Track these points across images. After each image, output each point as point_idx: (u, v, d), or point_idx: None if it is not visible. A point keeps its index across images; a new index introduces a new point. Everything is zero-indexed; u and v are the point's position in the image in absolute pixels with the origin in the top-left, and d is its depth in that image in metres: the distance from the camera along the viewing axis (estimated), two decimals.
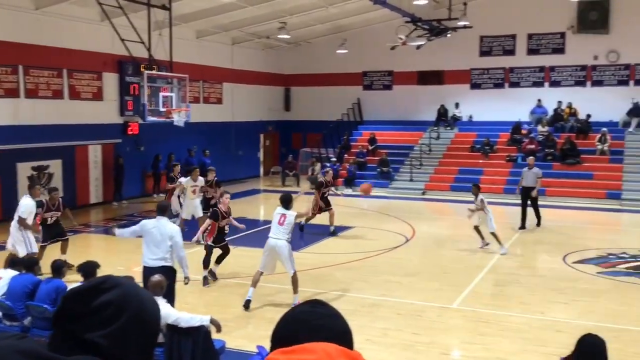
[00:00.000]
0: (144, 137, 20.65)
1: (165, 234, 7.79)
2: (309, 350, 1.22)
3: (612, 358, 6.49)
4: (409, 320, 8.71)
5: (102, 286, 1.27)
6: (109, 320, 1.23)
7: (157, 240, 7.82)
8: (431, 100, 25.98)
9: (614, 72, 23.94)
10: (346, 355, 1.23)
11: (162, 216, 8.07)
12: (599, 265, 11.99)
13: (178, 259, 7.85)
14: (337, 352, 1.23)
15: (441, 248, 13.78)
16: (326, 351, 1.22)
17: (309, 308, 1.39)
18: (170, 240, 7.76)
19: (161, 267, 7.60)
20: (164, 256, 7.79)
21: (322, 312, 1.39)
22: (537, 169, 16.01)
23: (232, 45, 25.32)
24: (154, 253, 7.83)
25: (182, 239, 8.01)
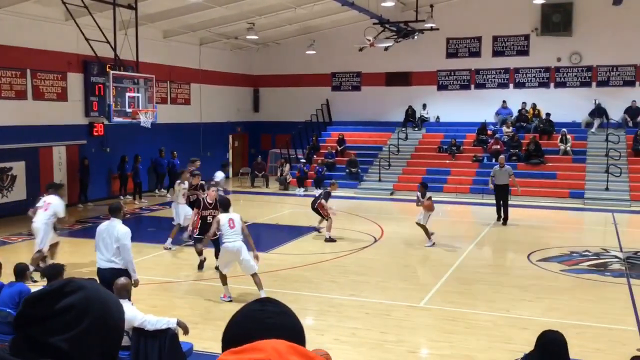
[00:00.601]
0: (110, 138, 20.38)
1: (113, 236, 7.74)
2: (258, 349, 1.22)
3: (575, 354, 6.65)
4: (377, 320, 8.78)
5: (64, 289, 1.25)
6: (70, 324, 1.21)
7: (106, 242, 7.78)
8: (399, 101, 26.20)
9: (576, 73, 24.47)
10: (296, 351, 1.23)
11: (115, 217, 8.02)
12: (563, 263, 12.24)
13: (124, 262, 7.78)
14: (287, 348, 1.23)
15: (409, 248, 13.91)
16: (275, 348, 1.22)
17: (259, 306, 1.38)
18: (117, 242, 7.71)
19: (112, 269, 7.57)
20: (112, 258, 7.74)
21: (273, 310, 1.38)
22: (508, 167, 16.87)
23: (200, 46, 25.15)
24: (103, 255, 7.81)
25: (129, 242, 7.92)
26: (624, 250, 13.36)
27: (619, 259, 12.56)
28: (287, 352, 1.22)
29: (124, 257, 7.77)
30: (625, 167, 21.23)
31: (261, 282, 9.36)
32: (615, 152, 21.47)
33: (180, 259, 12.63)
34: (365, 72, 27.07)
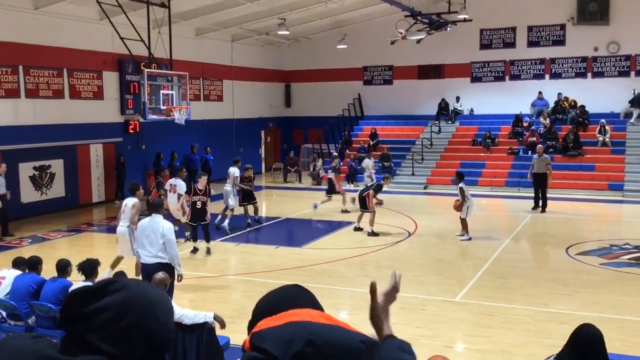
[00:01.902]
0: (145, 135, 20.67)
1: (157, 232, 7.83)
2: (292, 314, 1.37)
3: (616, 349, 6.52)
4: (413, 314, 8.72)
5: (107, 288, 1.26)
6: (108, 323, 1.22)
7: (150, 238, 7.87)
8: (432, 94, 25.95)
9: (614, 63, 23.88)
10: (324, 317, 1.39)
11: (156, 213, 8.11)
12: (602, 256, 11.99)
13: (169, 257, 7.86)
14: (317, 314, 1.39)
15: (443, 242, 13.78)
16: (308, 314, 1.37)
17: (299, 289, 1.57)
18: (162, 238, 7.80)
19: (158, 264, 7.65)
20: (158, 254, 7.84)
21: (301, 290, 1.57)
22: (546, 156, 17.48)
23: (232, 42, 25.30)
24: (148, 250, 7.90)
25: (174, 237, 8.06)
26: None
27: None
28: (317, 317, 1.38)
29: (170, 252, 7.87)
30: None
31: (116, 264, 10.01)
32: None
33: (214, 255, 12.74)
34: (397, 65, 26.88)
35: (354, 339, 1.32)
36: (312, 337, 1.28)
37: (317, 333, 1.29)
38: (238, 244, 13.61)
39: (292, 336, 1.29)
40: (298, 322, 1.34)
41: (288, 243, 14.59)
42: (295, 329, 1.31)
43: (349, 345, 1.29)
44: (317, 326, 1.33)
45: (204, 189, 12.29)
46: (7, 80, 16.25)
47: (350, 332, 1.36)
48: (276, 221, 16.57)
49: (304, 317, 1.36)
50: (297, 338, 1.28)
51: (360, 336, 1.35)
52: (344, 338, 1.31)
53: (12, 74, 16.37)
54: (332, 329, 1.34)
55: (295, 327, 1.32)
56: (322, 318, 1.38)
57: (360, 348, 1.30)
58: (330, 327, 1.35)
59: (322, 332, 1.31)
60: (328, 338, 1.29)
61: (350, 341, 1.31)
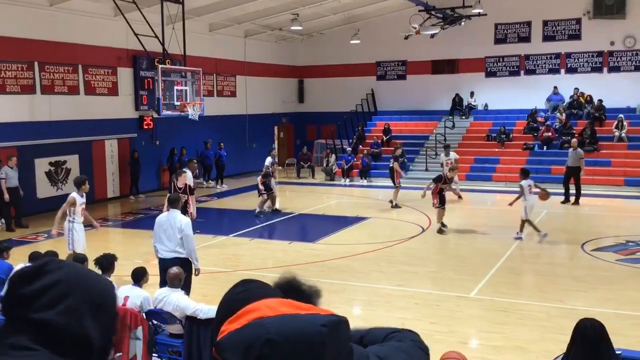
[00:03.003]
0: (159, 131, 20.77)
1: (175, 227, 7.86)
2: (252, 310, 1.30)
3: (632, 345, 6.48)
4: (427, 310, 8.70)
5: (45, 267, 1.28)
6: (57, 298, 1.24)
7: (168, 233, 7.90)
8: (446, 89, 25.83)
9: (631, 57, 23.61)
10: (286, 304, 1.32)
11: (174, 208, 8.14)
12: (618, 252, 11.88)
13: (187, 251, 7.88)
14: (278, 303, 1.32)
15: (458, 237, 13.72)
16: (268, 305, 1.30)
17: (241, 288, 1.47)
18: (180, 233, 7.82)
19: (176, 259, 7.67)
20: (176, 248, 7.86)
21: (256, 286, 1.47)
22: (579, 150, 17.68)
23: (245, 38, 25.33)
24: (166, 245, 7.92)
25: (192, 232, 8.08)
26: None
27: None
28: (279, 305, 1.31)
29: (188, 247, 7.89)
30: None
31: None
32: None
33: (227, 250, 12.79)
34: (410, 60, 26.77)
35: (314, 325, 1.24)
36: (270, 336, 1.22)
37: (274, 330, 1.23)
38: (252, 239, 13.65)
39: (250, 340, 1.23)
40: (256, 322, 1.27)
41: (301, 238, 14.61)
42: (252, 330, 1.25)
43: (310, 333, 1.23)
44: (275, 321, 1.26)
45: (184, 186, 11.84)
46: (22, 76, 16.39)
47: (310, 317, 1.27)
48: (290, 216, 16.60)
49: (264, 312, 1.29)
50: (255, 340, 1.22)
51: (321, 319, 1.26)
52: (305, 327, 1.24)
53: (27, 70, 16.50)
54: (291, 320, 1.26)
55: (253, 328, 1.26)
56: (283, 306, 1.31)
57: (323, 332, 1.23)
58: (290, 318, 1.27)
59: (280, 327, 1.24)
60: (286, 332, 1.23)
61: (311, 329, 1.23)
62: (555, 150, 22.00)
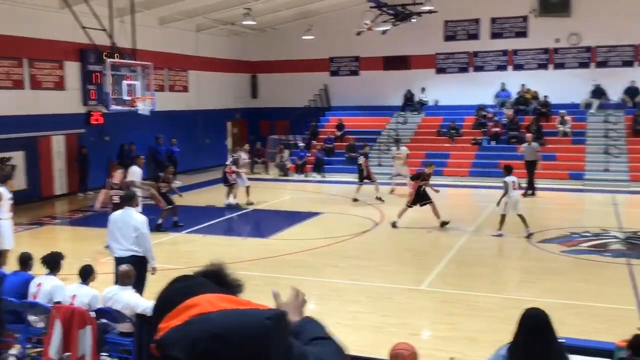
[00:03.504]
0: (109, 126, 20.34)
1: (130, 225, 7.72)
2: (192, 305, 1.29)
3: (576, 333, 6.70)
4: (379, 303, 8.82)
5: None
6: None
7: (123, 231, 7.75)
8: (397, 85, 26.12)
9: (575, 54, 24.36)
10: (226, 299, 1.32)
11: (129, 206, 8.00)
12: (563, 244, 12.28)
13: (143, 250, 7.75)
14: (217, 298, 1.32)
15: (410, 231, 13.92)
16: (208, 300, 1.30)
17: (182, 284, 1.45)
18: (136, 231, 7.69)
19: (132, 257, 7.54)
20: (132, 247, 7.72)
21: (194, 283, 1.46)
22: (535, 144, 18.33)
23: (197, 32, 25.04)
24: (121, 244, 7.77)
25: (148, 230, 7.95)
26: (623, 230, 13.39)
27: (618, 239, 12.59)
28: (219, 301, 1.31)
29: (144, 245, 7.74)
30: (624, 148, 21.23)
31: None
32: (615, 133, 21.46)
33: (180, 247, 12.67)
34: (363, 56, 26.96)
35: (259, 317, 1.25)
36: (215, 330, 1.22)
37: (219, 324, 1.23)
38: (205, 236, 13.55)
39: (195, 335, 1.22)
40: (199, 317, 1.26)
41: (255, 234, 14.58)
42: (196, 326, 1.24)
43: (255, 326, 1.24)
44: (219, 316, 1.26)
45: (119, 183, 11.63)
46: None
47: (254, 311, 1.29)
48: (243, 212, 16.53)
49: (205, 307, 1.28)
50: (201, 336, 1.21)
51: (265, 312, 1.28)
52: (249, 320, 1.25)
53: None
54: (235, 314, 1.27)
55: (197, 323, 1.25)
56: (223, 301, 1.31)
57: (267, 325, 1.24)
58: (233, 313, 1.28)
59: (225, 322, 1.24)
60: (232, 326, 1.23)
61: (256, 322, 1.24)
62: (503, 145, 22.56)
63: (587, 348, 5.55)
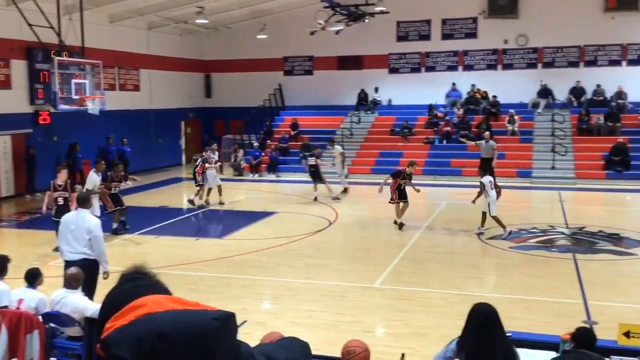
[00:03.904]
0: (57, 126, 19.84)
1: (83, 227, 7.53)
2: (139, 306, 1.28)
3: (523, 327, 6.89)
4: (332, 302, 8.89)
5: None
6: None
7: (75, 234, 7.54)
8: (351, 84, 26.30)
9: (523, 55, 25.01)
10: (173, 300, 1.32)
11: (83, 208, 7.80)
12: (511, 240, 12.60)
13: (96, 253, 7.56)
14: (166, 299, 1.32)
15: (364, 230, 14.07)
16: (155, 301, 1.30)
17: (132, 284, 1.44)
18: (89, 234, 7.51)
19: (83, 260, 7.37)
20: (84, 250, 7.52)
21: (144, 284, 1.45)
22: (492, 142, 18.65)
23: (149, 30, 24.66)
24: (73, 247, 7.55)
25: (102, 233, 7.78)
26: (569, 226, 13.83)
27: (565, 235, 13.00)
28: (167, 302, 1.30)
29: (97, 249, 7.53)
30: (570, 146, 21.91)
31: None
32: (561, 132, 22.12)
33: (132, 248, 12.47)
34: (317, 56, 27.05)
35: (206, 318, 1.25)
36: (161, 329, 1.21)
37: (166, 324, 1.22)
38: (157, 237, 13.38)
39: (141, 334, 1.21)
40: (145, 317, 1.25)
41: (209, 234, 14.49)
42: (142, 325, 1.23)
43: (202, 326, 1.23)
44: (166, 316, 1.25)
45: (64, 184, 11.53)
46: None
47: (201, 312, 1.29)
48: (198, 212, 16.38)
49: (152, 307, 1.28)
50: (147, 335, 1.21)
51: (213, 313, 1.27)
52: (196, 321, 1.25)
53: None
54: (182, 315, 1.27)
55: (143, 323, 1.24)
56: (171, 302, 1.31)
57: (214, 326, 1.24)
58: (180, 313, 1.27)
59: (172, 321, 1.23)
60: (179, 326, 1.22)
61: (203, 322, 1.24)
62: (454, 144, 22.99)
63: (534, 341, 5.72)
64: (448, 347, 4.67)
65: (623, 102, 23.21)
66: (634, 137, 21.72)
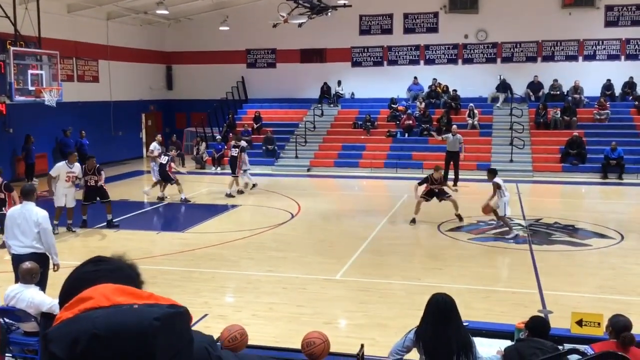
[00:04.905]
0: (13, 118, 19.34)
1: (31, 220, 7.38)
2: (86, 298, 1.26)
3: (482, 317, 7.05)
4: (294, 294, 8.93)
5: None
6: None
7: (23, 227, 7.39)
8: (314, 77, 26.32)
9: (482, 50, 25.40)
10: (123, 292, 1.28)
11: (28, 201, 7.65)
12: (470, 232, 12.84)
13: (46, 245, 7.43)
14: (113, 291, 1.28)
15: (326, 222, 14.14)
16: (103, 293, 1.26)
17: (92, 267, 1.42)
18: (37, 226, 7.37)
19: (32, 254, 7.23)
20: (33, 243, 7.38)
21: (107, 268, 1.42)
22: (459, 135, 18.96)
23: (108, 21, 24.20)
24: (20, 241, 7.40)
25: (50, 225, 7.65)
26: (526, 218, 14.14)
27: (521, 227, 13.28)
28: (115, 294, 1.26)
29: (47, 241, 7.39)
30: (528, 140, 22.36)
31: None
32: (519, 126, 22.55)
33: (91, 242, 12.29)
34: (280, 48, 26.97)
35: (146, 318, 1.20)
36: (96, 330, 1.17)
37: (102, 324, 1.18)
38: (117, 230, 13.20)
39: (77, 333, 1.18)
40: (85, 313, 1.22)
41: (170, 228, 14.36)
42: (81, 323, 1.20)
43: (140, 327, 1.19)
44: (104, 314, 1.21)
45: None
46: None
47: (143, 310, 1.23)
48: (158, 206, 16.22)
49: (98, 300, 1.24)
50: (81, 334, 1.18)
51: (157, 311, 1.22)
52: (136, 321, 1.20)
53: None
54: (122, 313, 1.22)
55: (82, 320, 1.21)
56: (120, 295, 1.26)
57: (154, 326, 1.19)
58: (122, 311, 1.22)
59: (109, 321, 1.19)
60: (115, 326, 1.18)
61: (142, 322, 1.19)
62: (416, 137, 23.25)
63: (489, 330, 5.87)
64: (407, 336, 4.76)
65: (579, 97, 23.79)
66: (589, 131, 22.29)
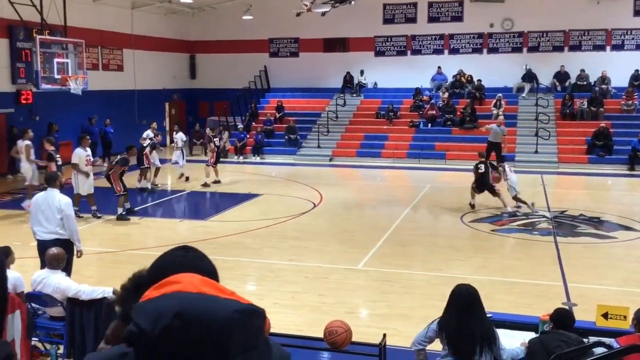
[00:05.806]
0: (39, 106, 19.60)
1: (54, 207, 7.48)
2: (176, 282, 1.34)
3: (504, 309, 6.99)
4: (316, 283, 8.94)
5: None
6: None
7: (46, 214, 7.49)
8: (337, 67, 26.21)
9: (508, 39, 25.05)
10: (208, 284, 1.35)
11: (52, 187, 7.74)
12: (493, 223, 12.72)
13: (69, 232, 7.52)
14: (200, 281, 1.36)
15: (348, 212, 14.12)
16: (191, 281, 1.34)
17: (182, 253, 1.52)
18: (60, 213, 7.46)
19: (56, 240, 7.33)
20: (56, 229, 7.48)
21: (194, 255, 1.52)
22: (504, 127, 18.83)
23: (132, 10, 24.35)
24: (44, 227, 7.51)
25: (73, 211, 7.74)
26: (551, 210, 13.96)
27: (546, 219, 13.13)
28: (201, 284, 1.34)
29: (69, 227, 7.50)
30: (553, 131, 22.05)
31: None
32: (545, 116, 22.25)
33: (115, 229, 12.43)
34: (303, 38, 26.89)
35: (227, 309, 1.27)
36: (181, 309, 1.25)
37: (187, 305, 1.26)
38: (141, 218, 13.33)
39: (162, 309, 1.25)
40: (172, 294, 1.30)
41: (193, 216, 14.46)
42: (166, 301, 1.28)
43: (221, 316, 1.26)
44: (191, 297, 1.29)
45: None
46: None
47: (226, 301, 1.30)
48: (182, 194, 16.34)
49: (185, 286, 1.32)
50: (167, 311, 1.25)
51: (237, 305, 1.29)
52: (217, 309, 1.27)
53: None
54: (206, 300, 1.29)
55: (168, 299, 1.28)
56: (205, 286, 1.34)
57: (233, 318, 1.26)
58: (205, 298, 1.30)
59: (194, 304, 1.27)
60: (199, 310, 1.26)
61: (223, 312, 1.27)
62: (439, 128, 23.06)
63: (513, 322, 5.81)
64: (429, 327, 4.73)
65: (606, 87, 23.38)
66: (616, 122, 21.91)
